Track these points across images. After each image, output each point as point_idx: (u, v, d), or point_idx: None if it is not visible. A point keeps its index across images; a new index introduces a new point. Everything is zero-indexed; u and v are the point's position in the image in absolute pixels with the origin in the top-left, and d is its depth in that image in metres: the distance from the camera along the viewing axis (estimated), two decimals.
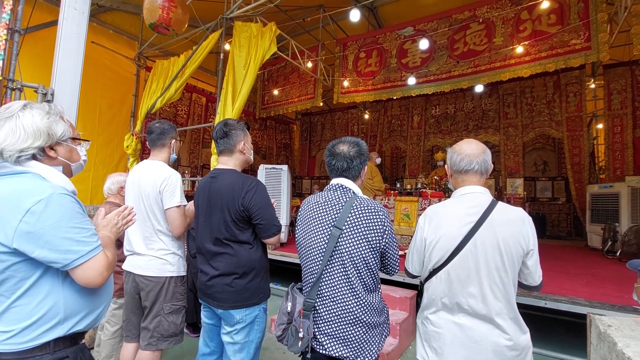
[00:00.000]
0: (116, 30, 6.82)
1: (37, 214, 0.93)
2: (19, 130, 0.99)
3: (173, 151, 2.07)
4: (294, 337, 1.34)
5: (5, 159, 0.99)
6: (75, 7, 2.84)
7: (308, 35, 7.80)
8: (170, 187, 1.87)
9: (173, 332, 1.91)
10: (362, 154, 1.47)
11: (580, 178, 7.48)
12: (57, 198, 0.97)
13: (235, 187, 1.66)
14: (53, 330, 0.98)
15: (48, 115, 1.05)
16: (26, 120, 1.01)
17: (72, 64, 2.82)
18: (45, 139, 1.04)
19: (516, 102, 8.55)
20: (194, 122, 8.60)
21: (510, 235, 1.28)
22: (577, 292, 3.18)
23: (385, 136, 10.47)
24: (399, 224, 5.52)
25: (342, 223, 1.35)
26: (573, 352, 2.94)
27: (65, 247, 0.96)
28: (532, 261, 1.32)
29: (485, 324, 1.28)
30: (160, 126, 2.01)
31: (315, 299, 1.36)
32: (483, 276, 1.28)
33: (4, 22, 2.98)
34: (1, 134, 0.98)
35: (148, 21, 4.78)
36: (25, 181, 0.98)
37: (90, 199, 6.11)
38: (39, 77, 3.10)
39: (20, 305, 0.94)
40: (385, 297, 3.31)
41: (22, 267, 0.94)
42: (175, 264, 1.95)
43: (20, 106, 1.03)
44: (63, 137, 1.09)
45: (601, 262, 5.09)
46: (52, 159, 1.08)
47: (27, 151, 1.00)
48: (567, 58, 4.99)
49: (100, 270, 1.02)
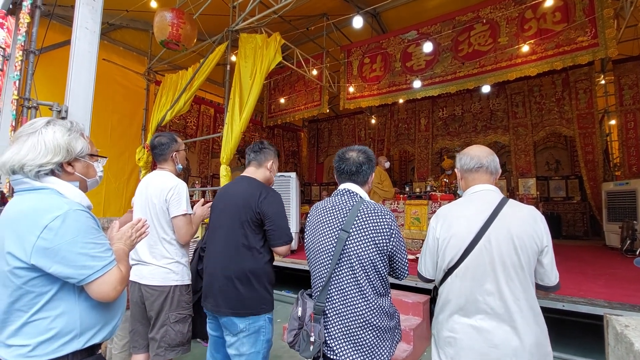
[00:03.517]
0: (126, 46, 7.03)
1: (54, 230, 0.95)
2: (40, 146, 1.03)
3: (177, 162, 2.11)
4: (305, 342, 1.34)
5: (26, 174, 1.02)
6: (86, 26, 2.95)
7: (312, 43, 7.90)
8: (177, 196, 1.92)
9: (180, 342, 1.90)
10: (370, 160, 1.52)
11: (595, 176, 7.31)
12: (73, 214, 0.99)
13: (254, 192, 1.74)
14: (70, 343, 0.99)
15: (69, 132, 1.09)
16: (48, 136, 1.05)
17: (85, 81, 2.92)
18: (64, 155, 1.07)
19: (525, 101, 8.45)
20: (203, 133, 8.76)
21: (524, 231, 1.26)
22: (595, 293, 3.09)
23: (393, 140, 10.44)
24: (409, 228, 5.46)
25: (349, 226, 1.36)
26: (592, 356, 2.85)
27: (80, 263, 0.98)
28: (548, 259, 1.30)
29: (504, 326, 1.23)
30: (160, 140, 2.06)
31: (325, 303, 1.36)
32: (499, 272, 1.25)
33: (19, 43, 3.10)
34: (24, 148, 1.02)
35: (159, 39, 4.94)
36: (43, 197, 1.01)
37: (103, 211, 6.25)
38: (53, 95, 3.20)
39: (38, 319, 0.96)
40: (398, 303, 3.27)
41: (40, 283, 0.96)
42: (180, 273, 1.95)
43: (44, 123, 1.07)
44: (81, 153, 1.13)
45: (620, 261, 4.93)
46: (70, 174, 1.11)
47: (46, 166, 1.03)
48: (575, 55, 4.93)
49: (114, 284, 1.04)
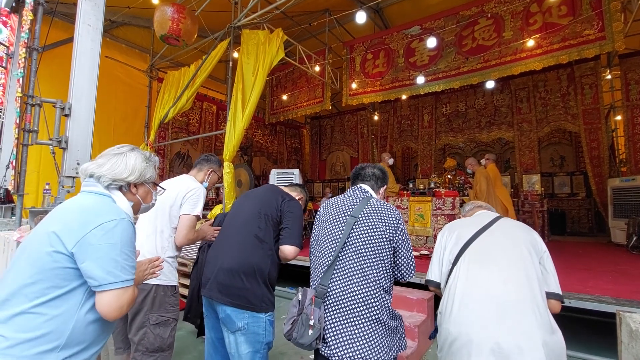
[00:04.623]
0: (128, 44, 7.02)
1: (106, 230, 1.02)
2: (122, 165, 1.20)
3: (207, 180, 2.21)
4: (304, 326, 1.30)
5: (100, 182, 1.15)
6: (89, 23, 2.94)
7: (315, 39, 7.85)
8: (195, 197, 1.94)
9: (159, 347, 1.76)
10: (384, 177, 1.69)
11: (600, 172, 7.24)
12: (126, 224, 1.08)
13: (279, 193, 1.92)
14: (48, 354, 0.95)
15: (147, 161, 1.28)
16: (130, 159, 1.23)
17: (88, 78, 2.91)
18: (136, 177, 1.23)
19: (529, 96, 8.37)
20: (206, 130, 8.76)
21: (522, 233, 1.46)
22: (602, 289, 3.06)
23: (396, 137, 10.40)
24: (413, 224, 5.45)
25: (358, 213, 1.45)
26: (600, 353, 2.82)
27: (110, 268, 1.01)
28: (549, 263, 1.39)
29: (509, 311, 1.24)
30: (207, 156, 2.27)
31: (327, 286, 1.35)
32: (501, 258, 1.36)
33: (22, 41, 3.10)
34: (108, 164, 1.18)
35: (159, 33, 4.91)
36: (106, 201, 1.14)
37: None
38: (57, 92, 3.20)
39: (35, 313, 0.94)
40: (402, 299, 3.26)
41: (65, 275, 0.98)
42: (165, 272, 1.83)
43: (130, 148, 1.26)
44: (149, 179, 1.29)
45: (627, 258, 4.90)
46: (132, 194, 1.25)
47: (119, 182, 1.19)
48: (581, 49, 4.87)
49: (124, 303, 1.03)
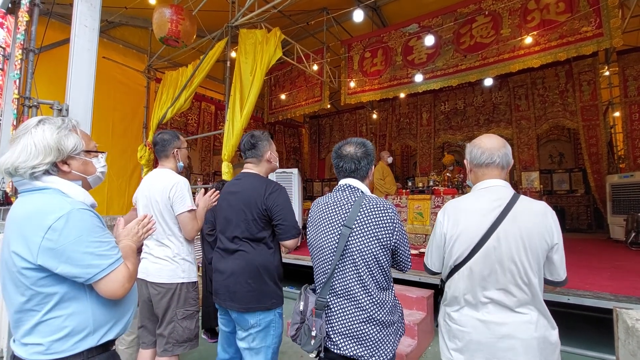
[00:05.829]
0: (125, 44, 6.99)
1: (58, 230, 0.95)
2: (30, 147, 1.00)
3: (179, 159, 2.12)
4: (307, 336, 1.34)
5: (21, 176, 1.01)
6: (85, 24, 2.93)
7: (313, 38, 7.83)
8: (180, 193, 1.94)
9: (188, 338, 1.94)
10: (369, 154, 1.48)
11: (599, 169, 7.25)
12: (77, 214, 0.99)
13: (258, 188, 1.74)
14: (84, 341, 1.01)
15: (58, 130, 1.05)
16: (37, 136, 1.02)
17: (85, 79, 2.91)
18: (55, 155, 1.04)
19: (527, 94, 8.37)
20: (204, 130, 8.74)
21: (535, 229, 1.24)
22: (601, 286, 3.07)
23: (395, 135, 10.39)
24: (412, 222, 5.45)
25: (351, 222, 1.36)
26: (599, 349, 2.84)
27: (86, 262, 0.98)
28: (558, 255, 1.28)
29: (511, 317, 1.24)
30: (162, 137, 2.08)
31: (327, 298, 1.37)
32: (507, 272, 1.24)
33: (19, 42, 3.09)
34: (16, 150, 1.00)
35: (158, 35, 4.90)
36: (46, 198, 1.01)
37: (106, 210, 6.26)
38: (54, 94, 3.19)
39: (51, 318, 0.97)
40: (402, 297, 3.27)
41: (48, 283, 0.97)
42: (187, 270, 1.98)
43: (35, 122, 1.04)
44: (75, 150, 1.09)
45: (625, 254, 4.91)
46: (66, 173, 1.08)
47: (39, 167, 1.01)
48: (579, 46, 4.87)
49: (122, 282, 1.04)
